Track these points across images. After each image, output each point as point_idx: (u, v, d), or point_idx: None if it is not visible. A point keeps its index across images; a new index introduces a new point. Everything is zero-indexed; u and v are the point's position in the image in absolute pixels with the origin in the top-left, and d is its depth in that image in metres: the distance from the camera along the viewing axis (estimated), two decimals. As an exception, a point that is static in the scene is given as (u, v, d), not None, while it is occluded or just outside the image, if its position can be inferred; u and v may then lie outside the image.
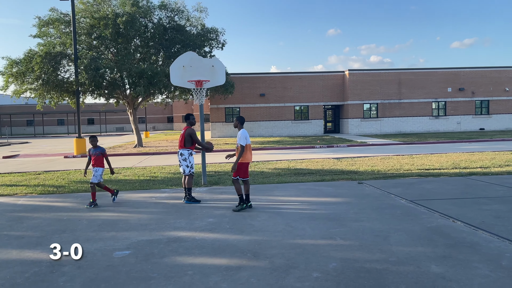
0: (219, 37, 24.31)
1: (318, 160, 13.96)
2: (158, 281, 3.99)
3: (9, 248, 5.16)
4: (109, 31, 20.57)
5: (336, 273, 4.07)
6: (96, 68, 19.94)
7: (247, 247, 4.96)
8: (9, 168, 14.97)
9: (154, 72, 20.46)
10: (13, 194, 9.02)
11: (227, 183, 9.66)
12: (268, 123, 32.98)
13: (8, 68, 20.36)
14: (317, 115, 33.40)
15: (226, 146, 21.79)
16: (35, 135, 57.45)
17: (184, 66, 9.52)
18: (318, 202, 7.40)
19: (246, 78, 32.68)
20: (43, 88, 20.99)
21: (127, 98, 23.96)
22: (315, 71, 33.95)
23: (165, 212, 6.94)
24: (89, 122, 68.18)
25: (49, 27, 22.07)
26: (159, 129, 70.58)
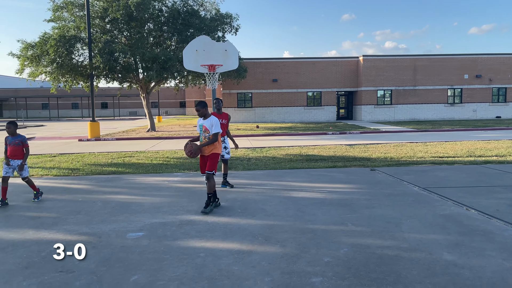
0: (233, 22, 24.14)
1: (330, 147, 13.90)
2: (170, 262, 4.05)
3: (25, 228, 5.28)
4: (120, 12, 20.53)
5: (347, 258, 4.09)
6: (110, 52, 20.02)
7: (258, 231, 5.00)
8: (25, 150, 15.23)
9: (167, 57, 20.45)
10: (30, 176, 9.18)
11: (239, 168, 9.70)
12: (281, 109, 32.85)
13: (24, 51, 20.56)
14: (330, 101, 33.13)
15: (238, 132, 21.81)
16: (50, 118, 58.26)
17: (197, 50, 9.50)
18: (329, 188, 7.40)
19: (259, 63, 32.47)
20: (57, 71, 21.16)
21: (140, 83, 24.05)
22: (329, 57, 33.61)
23: (178, 196, 7.01)
24: (102, 106, 68.79)
25: (63, 10, 22.13)
26: (172, 114, 70.90)
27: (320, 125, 27.54)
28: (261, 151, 13.00)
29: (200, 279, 3.66)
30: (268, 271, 3.81)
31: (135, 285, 3.56)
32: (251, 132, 21.49)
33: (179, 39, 23.00)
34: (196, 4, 23.78)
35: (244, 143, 16.21)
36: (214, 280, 3.62)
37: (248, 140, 17.86)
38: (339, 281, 3.56)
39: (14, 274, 3.82)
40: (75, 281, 3.65)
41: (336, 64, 32.94)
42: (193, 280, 3.64)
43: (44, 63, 20.79)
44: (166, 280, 3.65)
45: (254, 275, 3.72)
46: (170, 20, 22.56)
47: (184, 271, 3.83)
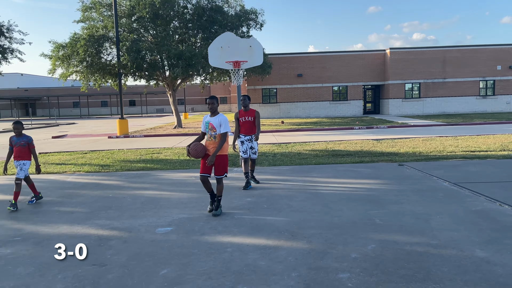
0: (258, 17, 24.11)
1: (357, 142, 13.73)
2: (198, 257, 4.12)
3: (60, 223, 5.48)
4: (146, 10, 20.87)
5: (374, 254, 4.05)
6: (137, 50, 20.39)
7: (284, 226, 5.01)
8: (58, 147, 15.77)
9: (192, 54, 20.65)
10: (63, 172, 9.52)
11: (264, 164, 9.72)
12: (306, 104, 32.63)
13: (55, 51, 21.20)
14: (356, 95, 32.66)
15: (263, 128, 21.83)
16: (80, 116, 59.99)
17: (222, 47, 9.54)
18: (356, 184, 7.32)
19: (284, 58, 32.32)
20: (87, 70, 21.75)
21: (167, 80, 24.40)
22: (355, 50, 33.09)
23: (205, 191, 7.08)
24: (130, 103, 70.19)
25: (92, 11, 22.68)
26: (198, 111, 71.64)
27: (346, 119, 27.20)
28: (287, 146, 12.99)
29: (228, 273, 3.71)
30: (295, 266, 3.82)
31: (165, 279, 3.65)
32: (276, 128, 21.48)
33: (204, 36, 23.18)
34: (221, 1, 23.87)
35: (269, 138, 16.22)
36: (241, 275, 3.66)
37: (273, 135, 17.86)
38: (366, 277, 3.54)
39: (49, 267, 3.98)
40: (107, 274, 3.77)
41: (362, 57, 32.41)
42: (221, 274, 3.69)
43: (75, 62, 21.39)
44: (194, 274, 3.72)
45: (281, 270, 3.74)
46: (195, 17, 22.76)
47: (212, 266, 3.89)
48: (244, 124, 7.35)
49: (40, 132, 27.11)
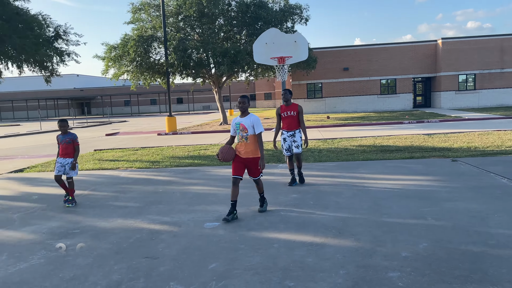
0: (303, 13, 23.90)
1: (406, 137, 13.27)
2: (245, 252, 4.18)
3: (114, 216, 5.76)
4: (193, 9, 21.31)
5: (426, 253, 3.91)
6: (183, 49, 20.90)
7: (331, 223, 4.96)
8: (111, 144, 16.53)
9: (236, 51, 20.85)
10: (116, 168, 9.98)
11: (310, 160, 9.65)
12: (352, 98, 31.97)
13: (107, 52, 22.20)
14: (406, 88, 31.54)
15: (308, 123, 21.64)
16: (131, 114, 62.49)
17: (266, 43, 9.57)
18: (406, 180, 7.09)
19: (329, 52, 31.82)
20: (137, 70, 22.59)
21: (212, 77, 24.81)
22: (404, 42, 31.92)
23: (251, 187, 7.16)
24: (178, 101, 72.07)
25: (141, 12, 23.50)
26: (243, 107, 72.15)
27: (395, 114, 26.37)
28: (333, 142, 12.81)
29: (275, 269, 3.73)
30: (343, 264, 3.77)
31: (213, 272, 3.74)
32: (321, 123, 21.23)
33: (248, 33, 23.32)
34: (265, -5, 23.89)
35: (315, 134, 16.06)
36: (288, 271, 3.68)
37: (318, 131, 17.67)
38: (418, 277, 3.43)
39: (106, 258, 4.20)
40: (159, 267, 3.92)
41: (412, 49, 31.21)
42: (268, 270, 3.73)
43: (125, 62, 22.29)
44: (242, 269, 3.78)
45: (328, 267, 3.72)
46: (239, 14, 22.93)
47: (259, 261, 3.93)
48: (286, 119, 7.07)
49: (95, 130, 28.55)
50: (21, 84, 73.18)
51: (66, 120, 6.52)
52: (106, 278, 3.71)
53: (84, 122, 40.43)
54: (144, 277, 3.71)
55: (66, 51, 14.97)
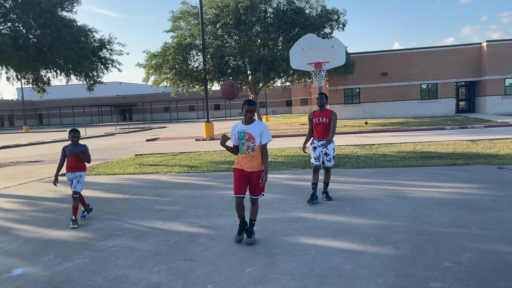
0: (340, 18, 23.74)
1: (448, 143, 12.81)
2: (282, 257, 4.18)
3: (154, 219, 5.92)
4: (230, 17, 21.66)
5: (470, 264, 3.76)
6: (221, 56, 21.26)
7: (369, 231, 4.87)
8: (151, 149, 17.02)
9: (273, 58, 20.96)
10: (156, 173, 10.26)
11: (347, 166, 9.52)
12: (391, 103, 31.26)
13: (148, 60, 22.96)
14: (448, 93, 30.48)
15: (345, 129, 21.34)
16: (170, 120, 64.03)
17: (303, 49, 9.57)
18: (449, 188, 6.84)
19: (367, 56, 31.33)
20: (176, 77, 23.20)
21: (249, 84, 25.05)
22: (445, 45, 30.92)
23: (286, 193, 7.17)
24: (215, 107, 73.17)
25: (180, 21, 24.17)
26: (278, 113, 72.32)
27: (436, 119, 25.51)
28: (371, 148, 12.56)
29: (311, 275, 3.71)
30: (381, 272, 3.70)
31: (250, 277, 3.76)
32: (359, 129, 20.88)
33: (285, 39, 23.40)
34: (302, 1, 23.90)
35: (352, 140, 15.82)
36: (325, 278, 3.64)
37: (356, 137, 17.38)
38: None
39: (146, 260, 4.33)
40: (197, 269, 4.00)
41: (454, 52, 30.16)
42: (304, 276, 3.71)
43: (165, 70, 22.95)
44: (278, 274, 3.78)
45: (366, 275, 3.65)
46: (276, 21, 23.06)
47: (295, 267, 3.92)
48: (318, 126, 6.41)
49: (136, 135, 29.49)
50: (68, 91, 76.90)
51: (78, 130, 5.97)
52: (146, 279, 3.82)
53: (126, 128, 41.85)
54: (183, 279, 3.79)
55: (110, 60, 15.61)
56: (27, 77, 15.14)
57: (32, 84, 15.57)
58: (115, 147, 19.10)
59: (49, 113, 74.94)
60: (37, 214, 6.61)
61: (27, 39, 13.67)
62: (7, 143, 26.69)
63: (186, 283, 3.70)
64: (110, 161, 13.00)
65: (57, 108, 71.56)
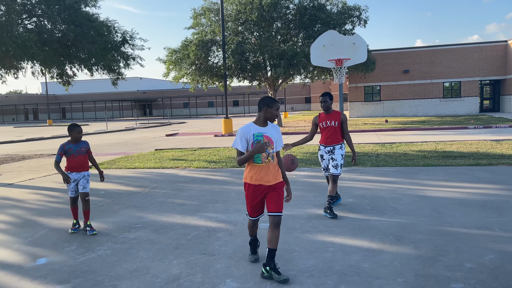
0: (361, 14, 23.46)
1: (472, 142, 12.54)
2: (300, 254, 4.18)
3: (174, 213, 6.00)
4: (255, 15, 21.64)
5: (493, 266, 3.68)
6: (241, 52, 21.28)
7: (389, 230, 4.82)
8: (171, 144, 17.21)
9: (294, 53, 20.87)
10: (175, 167, 10.38)
11: (366, 164, 9.42)
12: (412, 101, 30.75)
13: (169, 56, 23.17)
14: (471, 91, 29.79)
15: (365, 127, 21.11)
16: (190, 115, 64.55)
17: (324, 46, 9.50)
18: (471, 188, 6.71)
19: (388, 54, 30.87)
20: (196, 73, 23.35)
21: (268, 80, 25.01)
22: (469, 43, 30.15)
23: (305, 190, 7.15)
24: (234, 104, 73.37)
25: (201, 17, 24.29)
26: (297, 110, 72.03)
27: (459, 118, 24.98)
28: (391, 146, 12.40)
29: (330, 273, 3.70)
30: (401, 271, 3.66)
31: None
32: (379, 127, 20.62)
33: (305, 35, 23.26)
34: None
35: (372, 138, 15.64)
36: (344, 275, 3.63)
37: (376, 135, 17.18)
38: (483, 290, 3.24)
39: (166, 253, 4.40)
40: (215, 264, 4.04)
41: (478, 50, 29.44)
42: (323, 273, 3.70)
43: (186, 66, 23.12)
44: (296, 270, 3.79)
45: (385, 274, 3.62)
46: (297, 17, 22.93)
47: (314, 264, 3.92)
48: (325, 130, 5.68)
49: (155, 130, 29.85)
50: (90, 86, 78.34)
51: (80, 126, 5.25)
52: (166, 272, 3.88)
53: (146, 122, 42.40)
54: (201, 272, 3.84)
55: (132, 55, 15.82)
56: (51, 71, 15.48)
57: (56, 79, 15.92)
58: (135, 142, 19.38)
59: (71, 107, 76.52)
60: (61, 205, 6.78)
61: (52, 34, 13.97)
62: (32, 136, 27.41)
63: (205, 276, 3.74)
64: (130, 155, 13.22)
65: (80, 102, 72.97)
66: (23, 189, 8.37)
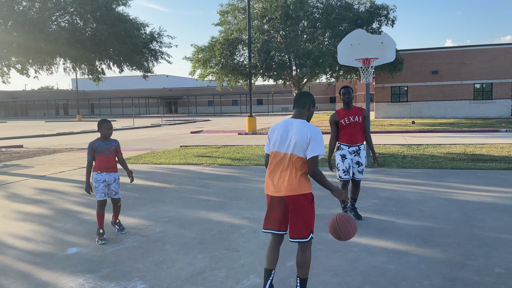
0: (389, 14, 23.09)
1: (503, 146, 12.16)
2: (324, 253, 4.18)
3: (198, 209, 6.08)
4: (279, 13, 21.62)
5: (524, 272, 3.58)
6: (267, 51, 21.30)
7: (415, 232, 4.75)
8: (195, 141, 17.41)
9: (320, 52, 20.73)
10: (200, 164, 10.50)
11: (392, 166, 9.28)
12: (441, 103, 30.03)
13: (195, 54, 23.42)
14: (504, 94, 28.84)
15: (391, 128, 20.77)
16: (214, 114, 65.05)
17: (351, 45, 9.39)
18: (502, 192, 6.51)
19: (417, 54, 30.25)
20: (222, 71, 23.52)
21: (293, 79, 24.94)
22: (502, 43, 29.21)
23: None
24: (258, 102, 73.46)
25: (228, 15, 24.44)
26: (322, 109, 71.49)
27: (490, 121, 24.24)
28: (418, 148, 12.16)
29: (354, 273, 3.69)
30: (428, 274, 3.61)
31: (291, 269, 3.79)
32: (405, 128, 20.24)
33: (332, 34, 23.07)
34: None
35: (398, 139, 15.38)
36: (369, 276, 3.61)
37: (402, 136, 16.88)
38: (514, 297, 3.16)
39: (191, 247, 4.47)
40: (239, 259, 4.08)
41: (511, 51, 28.45)
42: (347, 273, 3.69)
43: (212, 64, 23.32)
44: (320, 269, 3.79)
45: (411, 276, 3.58)
46: (324, 16, 22.77)
47: (338, 263, 3.91)
48: (347, 128, 5.15)
49: (181, 127, 30.25)
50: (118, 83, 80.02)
51: (110, 122, 4.90)
52: (191, 266, 3.95)
53: (171, 120, 43.01)
54: (226, 267, 3.88)
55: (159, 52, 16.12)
56: (82, 68, 15.92)
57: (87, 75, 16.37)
58: (161, 138, 19.71)
59: (100, 103, 78.37)
60: (90, 198, 6.97)
61: (83, 33, 14.36)
62: (62, 130, 28.25)
63: (229, 271, 3.79)
64: (156, 151, 13.45)
65: (108, 98, 74.67)
66: (54, 181, 8.65)
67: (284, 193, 3.07)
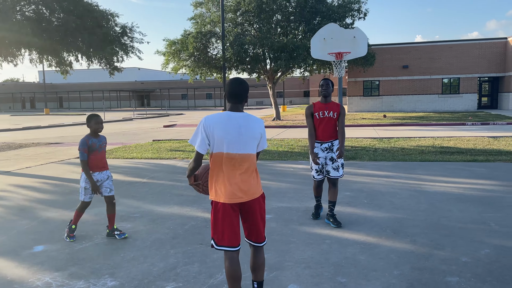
0: (361, 6, 23.37)
1: (469, 139, 12.58)
2: (297, 246, 4.20)
3: (171, 204, 6.01)
4: (252, 5, 21.50)
5: (488, 260, 3.71)
6: (240, 44, 21.17)
7: (386, 223, 4.85)
8: (168, 135, 17.18)
9: (295, 46, 20.79)
10: (173, 158, 10.37)
11: (364, 158, 9.44)
12: (411, 97, 30.74)
13: (168, 47, 23.03)
14: (470, 88, 29.80)
15: (363, 121, 21.12)
16: (188, 107, 64.35)
17: (324, 39, 9.47)
18: (468, 184, 6.74)
19: (388, 49, 30.79)
20: (194, 64, 23.25)
21: (267, 73, 24.93)
22: (469, 39, 30.10)
23: (302, 183, 7.17)
24: (232, 96, 73.05)
25: (201, 6, 24.16)
26: (296, 103, 71.96)
27: (457, 114, 25.04)
28: (389, 141, 12.43)
29: (326, 264, 3.72)
30: (397, 264, 3.69)
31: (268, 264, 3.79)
32: (377, 122, 20.64)
33: (306, 28, 23.15)
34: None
35: (370, 133, 15.66)
36: (340, 267, 3.65)
37: (374, 130, 17.20)
38: (478, 284, 3.27)
39: (163, 243, 4.41)
40: (213, 254, 4.04)
41: (478, 46, 29.39)
42: (319, 264, 3.72)
43: (184, 57, 23.01)
44: (293, 262, 3.81)
45: (381, 267, 3.65)
46: (297, 9, 22.81)
47: (310, 255, 3.94)
48: (322, 122, 4.82)
49: (153, 121, 29.78)
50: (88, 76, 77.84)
51: (100, 117, 4.55)
52: (163, 261, 3.90)
53: (144, 113, 42.27)
54: (199, 262, 3.85)
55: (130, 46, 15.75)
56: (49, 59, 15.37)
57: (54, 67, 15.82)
58: (133, 132, 19.34)
59: (69, 97, 76.13)
60: (57, 194, 6.77)
61: (50, 22, 13.85)
62: (28, 124, 27.30)
63: (202, 266, 3.76)
64: (128, 146, 13.19)
65: (77, 92, 72.59)
66: (20, 177, 8.35)
67: (249, 198, 2.80)
